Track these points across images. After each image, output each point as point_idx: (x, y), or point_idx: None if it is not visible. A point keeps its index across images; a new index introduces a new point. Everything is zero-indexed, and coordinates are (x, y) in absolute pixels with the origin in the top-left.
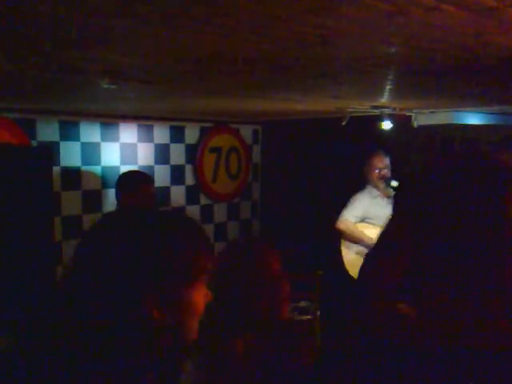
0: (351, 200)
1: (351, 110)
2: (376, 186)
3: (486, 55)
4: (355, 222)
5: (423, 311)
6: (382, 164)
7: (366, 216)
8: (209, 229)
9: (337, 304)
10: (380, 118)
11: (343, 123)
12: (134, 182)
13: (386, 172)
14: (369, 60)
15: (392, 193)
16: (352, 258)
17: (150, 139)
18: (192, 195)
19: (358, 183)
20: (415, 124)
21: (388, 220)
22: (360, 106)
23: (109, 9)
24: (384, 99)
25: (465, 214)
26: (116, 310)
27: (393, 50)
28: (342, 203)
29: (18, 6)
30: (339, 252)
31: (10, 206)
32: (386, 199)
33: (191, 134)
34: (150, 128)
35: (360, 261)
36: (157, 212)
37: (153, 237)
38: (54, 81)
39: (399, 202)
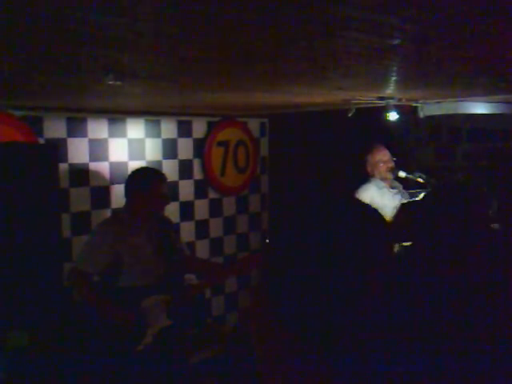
0: (358, 193)
1: (357, 101)
2: (384, 179)
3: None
4: None
5: None
6: (386, 157)
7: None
8: (218, 222)
9: None
10: (386, 109)
11: (349, 115)
12: (146, 181)
13: (392, 163)
14: (374, 51)
15: (398, 184)
16: None
17: (157, 134)
18: (200, 189)
19: (364, 175)
20: (421, 114)
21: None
22: (365, 98)
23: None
24: (390, 90)
25: None
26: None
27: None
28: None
29: (23, 6)
30: None
31: (17, 203)
32: (391, 190)
33: (199, 128)
34: (157, 123)
35: None
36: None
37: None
38: (58, 79)
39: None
